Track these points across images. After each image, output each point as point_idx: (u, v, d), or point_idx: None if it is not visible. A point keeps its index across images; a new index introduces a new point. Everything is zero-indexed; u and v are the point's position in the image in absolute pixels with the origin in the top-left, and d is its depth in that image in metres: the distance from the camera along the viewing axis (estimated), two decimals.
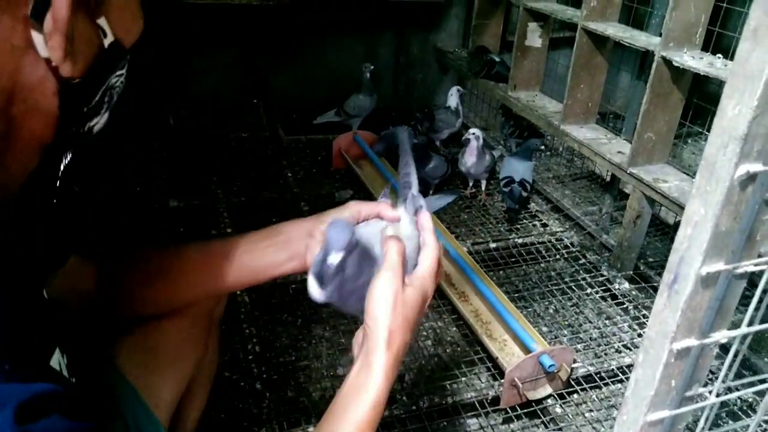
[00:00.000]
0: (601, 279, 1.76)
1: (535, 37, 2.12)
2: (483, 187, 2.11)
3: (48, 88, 0.44)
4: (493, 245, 1.86)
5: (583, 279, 1.75)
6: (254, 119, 2.44)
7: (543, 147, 2.50)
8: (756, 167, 0.34)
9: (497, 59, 2.31)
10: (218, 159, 2.20)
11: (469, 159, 2.00)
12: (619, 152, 1.79)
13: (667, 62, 1.53)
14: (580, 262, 1.84)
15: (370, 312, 0.64)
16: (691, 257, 0.37)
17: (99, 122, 0.52)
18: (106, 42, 0.48)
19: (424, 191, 1.52)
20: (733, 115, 0.34)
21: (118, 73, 0.51)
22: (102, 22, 0.46)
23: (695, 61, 1.48)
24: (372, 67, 2.37)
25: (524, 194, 1.97)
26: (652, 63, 1.56)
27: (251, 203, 2.00)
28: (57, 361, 0.50)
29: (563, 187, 2.32)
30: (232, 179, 2.10)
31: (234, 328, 1.45)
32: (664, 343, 0.40)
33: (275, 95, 2.55)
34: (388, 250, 0.67)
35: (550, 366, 1.26)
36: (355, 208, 0.77)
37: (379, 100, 2.47)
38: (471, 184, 2.13)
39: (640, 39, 1.66)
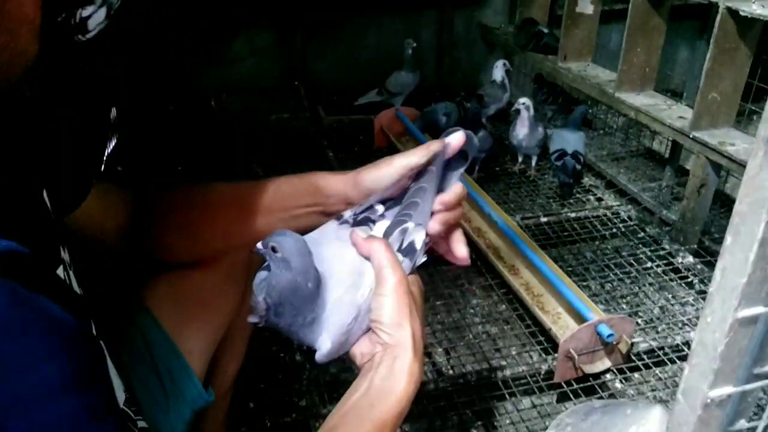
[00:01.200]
0: (662, 253, 1.64)
1: (586, 4, 2.01)
2: (533, 163, 2.01)
3: None
4: (544, 219, 1.76)
5: (642, 253, 1.64)
6: (295, 101, 2.41)
7: (590, 111, 2.36)
8: None
9: (545, 30, 2.21)
10: (259, 140, 2.18)
11: (521, 131, 1.90)
12: (680, 117, 1.66)
13: (733, 12, 1.41)
14: (639, 236, 1.72)
15: (386, 319, 0.58)
16: None
17: (94, 18, 0.47)
18: None
19: (470, 168, 1.37)
20: None
21: None
22: None
23: (765, 9, 1.36)
24: (414, 43, 2.31)
25: (578, 167, 1.86)
26: (716, 17, 1.44)
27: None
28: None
29: (618, 164, 2.19)
30: (273, 159, 2.07)
31: None
32: (760, 214, 0.32)
33: (315, 77, 2.51)
34: (375, 252, 0.59)
35: (609, 336, 1.17)
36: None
37: (422, 80, 2.40)
38: (520, 159, 2.03)
39: None
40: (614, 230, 1.74)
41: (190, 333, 0.74)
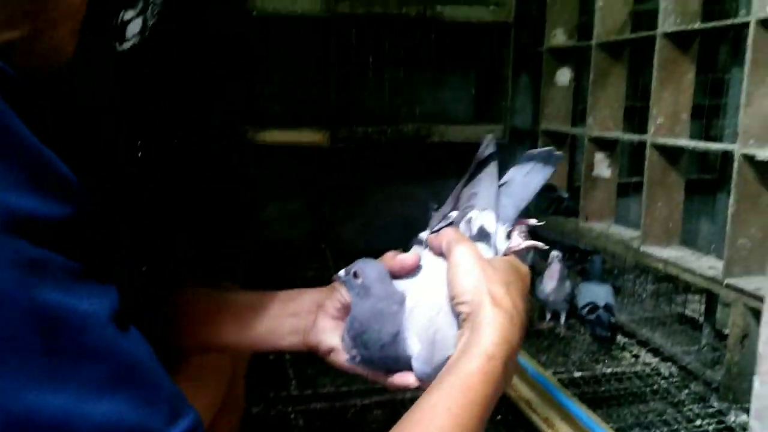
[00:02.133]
0: (711, 411, 1.49)
1: (603, 167, 2.10)
2: (562, 321, 1.94)
3: None
4: (577, 374, 1.65)
5: (690, 410, 1.50)
6: (320, 262, 2.44)
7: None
8: None
9: (565, 195, 2.28)
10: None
11: (549, 284, 1.87)
12: (710, 267, 1.63)
13: (749, 159, 1.45)
14: (685, 392, 1.58)
15: (458, 289, 0.56)
16: None
17: (132, 25, 0.50)
18: None
19: None
20: None
21: None
22: None
23: None
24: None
25: (612, 320, 1.80)
26: (733, 164, 1.49)
27: None
28: None
29: (651, 327, 2.11)
30: None
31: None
32: None
33: (341, 241, 2.57)
34: (443, 238, 0.61)
35: None
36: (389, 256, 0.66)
37: None
38: (548, 316, 1.97)
39: (715, 145, 1.61)
40: (656, 387, 1.61)
41: None
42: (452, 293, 0.57)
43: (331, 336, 0.67)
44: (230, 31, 2.06)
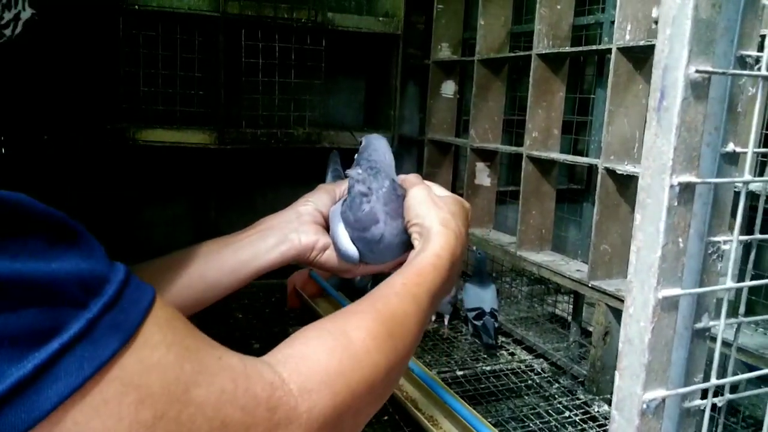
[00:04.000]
0: (578, 402, 1.63)
1: (483, 176, 2.22)
2: (446, 322, 2.03)
3: None
4: (460, 373, 1.73)
5: (559, 403, 1.62)
6: None
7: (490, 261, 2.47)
8: None
9: None
10: None
11: None
12: (578, 270, 1.78)
13: (611, 172, 1.60)
14: (555, 387, 1.71)
15: (413, 214, 0.72)
16: (675, 60, 0.34)
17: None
18: None
19: None
20: None
21: None
22: None
23: (637, 168, 1.55)
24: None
25: (497, 325, 1.90)
26: (597, 177, 1.63)
27: None
28: None
29: (526, 328, 2.26)
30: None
31: None
32: (663, 180, 0.34)
33: None
34: (411, 177, 0.78)
35: None
36: (328, 187, 0.77)
37: None
38: (433, 318, 2.04)
39: (581, 159, 1.75)
40: (530, 382, 1.73)
41: None
42: (408, 217, 0.72)
43: (322, 235, 0.76)
44: (101, 27, 1.96)
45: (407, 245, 0.73)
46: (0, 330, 0.32)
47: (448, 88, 2.40)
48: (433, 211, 0.71)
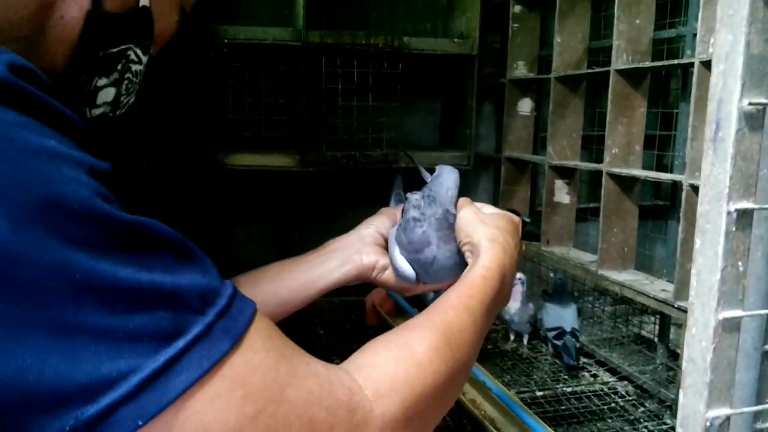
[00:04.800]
0: (665, 428, 1.57)
1: (562, 194, 2.19)
2: (525, 341, 2.01)
3: (83, 4, 0.50)
4: (539, 393, 1.71)
5: (645, 427, 1.57)
6: None
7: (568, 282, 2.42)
8: None
9: (527, 220, 2.36)
10: None
11: (513, 305, 1.94)
12: (663, 290, 1.72)
13: (696, 189, 1.54)
14: (640, 410, 1.66)
15: (463, 234, 0.77)
16: (729, 93, 0.35)
17: (104, 93, 0.56)
18: (141, 1, 0.54)
19: None
20: None
21: (139, 52, 0.56)
22: None
23: None
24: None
25: (578, 345, 1.87)
26: (682, 194, 1.58)
27: None
28: None
29: (610, 349, 2.19)
30: None
31: None
32: (720, 206, 0.35)
33: None
34: (461, 201, 0.83)
35: None
36: (389, 211, 0.84)
37: None
38: (512, 337, 2.03)
39: (664, 175, 1.70)
40: (613, 405, 1.68)
41: None
42: (459, 238, 0.78)
43: (382, 256, 0.84)
44: (200, 61, 2.10)
45: (462, 266, 0.77)
46: (140, 328, 0.39)
47: (525, 105, 2.40)
48: (480, 229, 0.76)
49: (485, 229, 0.76)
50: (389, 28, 2.20)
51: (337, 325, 2.21)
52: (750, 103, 0.35)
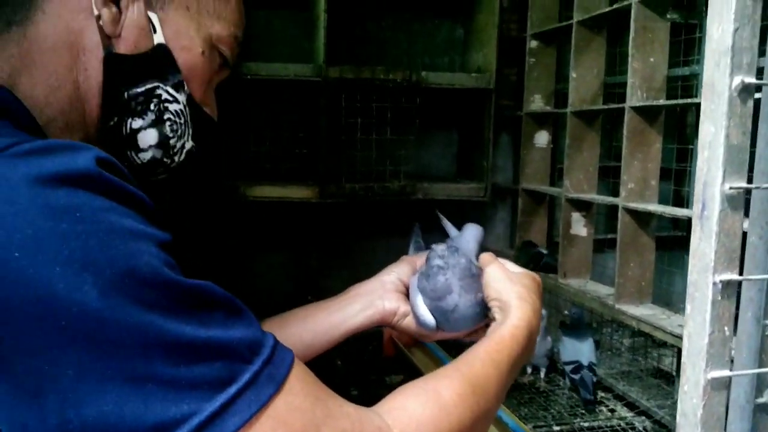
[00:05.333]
0: None
1: (579, 226, 2.20)
2: (542, 375, 2.01)
3: (98, 52, 0.56)
4: (556, 428, 1.71)
5: None
6: None
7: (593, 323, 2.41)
8: (749, 78, 0.36)
9: (545, 251, 2.37)
10: None
11: None
12: (680, 325, 1.72)
13: None
14: None
15: (492, 290, 0.81)
16: (712, 178, 0.37)
17: (144, 134, 0.61)
18: (156, 39, 0.59)
19: None
20: (718, 34, 0.37)
21: (169, 89, 0.61)
22: (154, 17, 0.59)
23: None
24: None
25: (595, 379, 1.86)
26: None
27: None
28: None
29: (629, 383, 2.18)
30: None
31: None
32: (707, 278, 0.38)
33: (327, 292, 2.62)
34: (485, 256, 0.88)
35: None
36: (410, 259, 0.88)
37: None
38: (529, 371, 2.03)
39: (680, 211, 1.71)
40: None
41: None
42: (487, 293, 0.82)
43: (403, 303, 0.88)
44: (222, 96, 2.17)
45: (481, 317, 0.80)
46: (200, 377, 0.46)
47: (542, 138, 2.42)
48: (509, 287, 0.80)
49: (514, 288, 0.80)
50: (408, 63, 2.25)
51: (355, 356, 2.23)
52: (731, 187, 0.37)
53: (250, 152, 2.28)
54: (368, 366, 2.13)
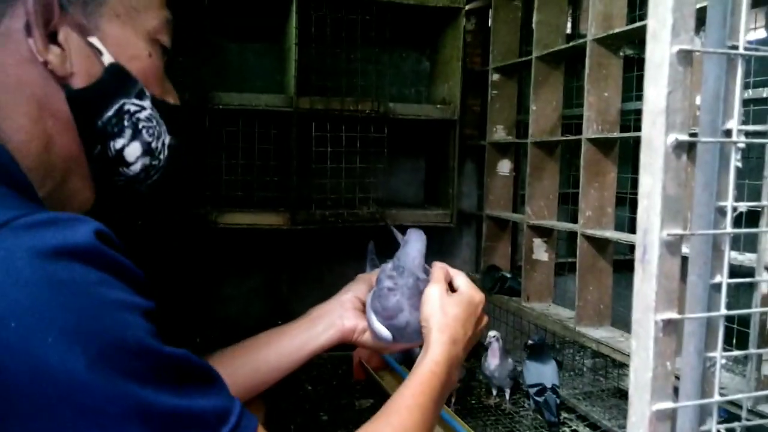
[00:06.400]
0: None
1: (541, 252, 2.29)
2: (507, 396, 2.07)
3: (59, 95, 0.60)
4: None
5: None
6: None
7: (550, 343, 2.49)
8: (682, 136, 0.43)
9: (509, 275, 2.45)
10: None
11: (492, 361, 2.01)
12: None
13: None
14: None
15: (425, 312, 0.85)
16: (652, 226, 0.44)
17: (129, 149, 0.65)
18: (105, 60, 0.63)
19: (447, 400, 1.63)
20: (653, 97, 0.44)
21: (134, 101, 0.65)
22: (95, 41, 0.63)
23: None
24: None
25: (558, 401, 1.93)
26: None
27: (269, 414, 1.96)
28: None
29: (591, 403, 2.26)
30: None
31: None
32: (649, 317, 0.44)
33: (297, 317, 2.65)
34: (435, 271, 0.90)
35: None
36: (366, 277, 0.93)
37: None
38: (495, 393, 2.09)
39: (634, 236, 1.81)
40: None
41: None
42: (422, 311, 0.86)
43: (361, 320, 0.93)
44: (195, 125, 2.21)
45: None
46: None
47: (504, 166, 2.52)
48: (436, 316, 0.85)
49: (440, 319, 0.84)
50: (376, 94, 2.33)
51: (325, 380, 2.26)
52: (668, 234, 0.44)
53: (222, 181, 2.31)
54: (338, 390, 2.16)
